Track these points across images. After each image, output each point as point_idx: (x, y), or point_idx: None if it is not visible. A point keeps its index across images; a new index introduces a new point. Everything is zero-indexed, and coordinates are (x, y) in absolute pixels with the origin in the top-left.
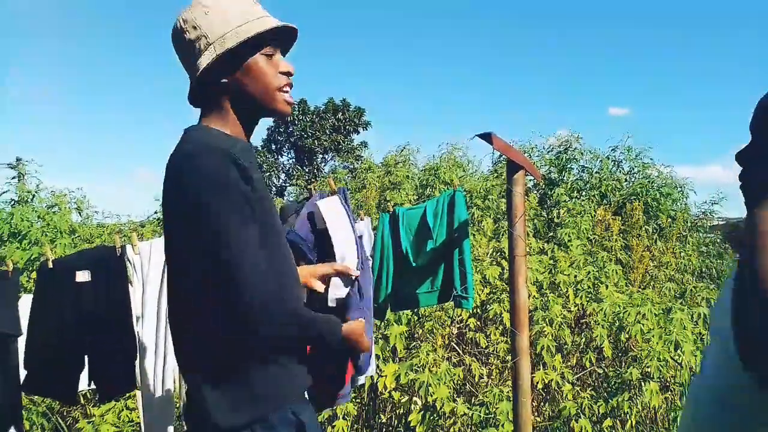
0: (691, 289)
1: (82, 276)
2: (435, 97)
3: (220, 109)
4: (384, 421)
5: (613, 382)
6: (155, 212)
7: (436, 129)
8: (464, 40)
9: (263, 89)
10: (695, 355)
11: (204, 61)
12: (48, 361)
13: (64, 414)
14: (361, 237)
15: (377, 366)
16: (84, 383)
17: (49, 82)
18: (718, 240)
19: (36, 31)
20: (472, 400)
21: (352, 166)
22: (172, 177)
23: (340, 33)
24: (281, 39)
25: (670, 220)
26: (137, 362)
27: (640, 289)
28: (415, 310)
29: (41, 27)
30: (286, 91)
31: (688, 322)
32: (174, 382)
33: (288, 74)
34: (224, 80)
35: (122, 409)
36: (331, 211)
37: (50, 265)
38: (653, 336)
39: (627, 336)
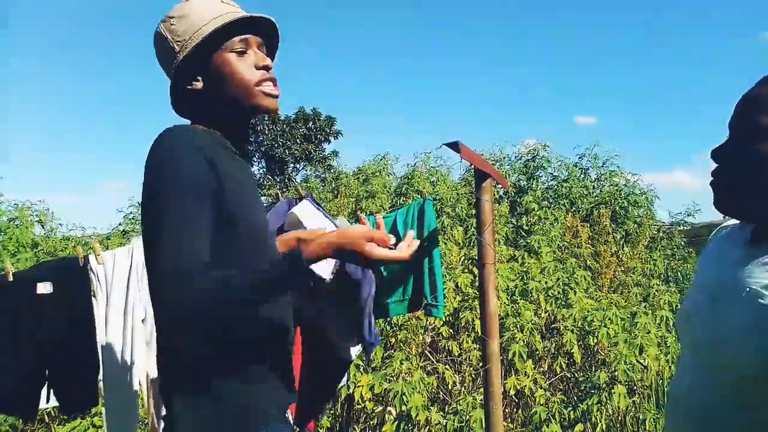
0: (654, 293)
1: (44, 288)
2: (405, 106)
3: (203, 116)
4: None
5: (583, 387)
6: (119, 224)
7: (408, 139)
8: (433, 50)
9: (239, 87)
10: (659, 359)
11: (173, 69)
12: (7, 376)
13: None
14: None
15: (353, 375)
16: (44, 399)
17: (11, 92)
18: (683, 244)
19: None
20: (446, 409)
21: (324, 175)
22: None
23: (308, 41)
24: (257, 34)
25: (636, 226)
26: (101, 377)
27: (607, 294)
28: (388, 319)
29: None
30: (266, 84)
31: (652, 326)
32: (139, 397)
33: (265, 68)
34: (198, 85)
35: (88, 427)
36: (307, 214)
37: (10, 278)
38: (619, 340)
39: (595, 341)
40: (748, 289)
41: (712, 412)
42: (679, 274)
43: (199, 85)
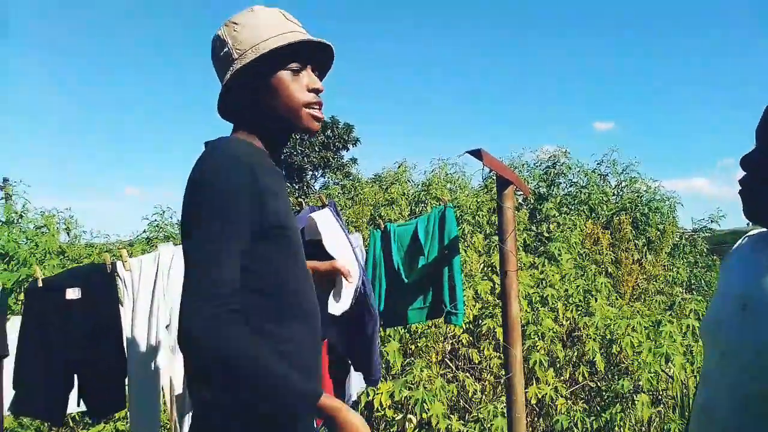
0: (680, 302)
1: (73, 293)
2: (423, 113)
3: (247, 124)
4: None
5: (605, 396)
6: (143, 231)
7: (425, 146)
8: (452, 58)
9: (288, 105)
10: (685, 368)
11: (228, 75)
12: (37, 381)
13: None
14: (355, 249)
15: None
16: (73, 403)
17: (37, 100)
18: (706, 251)
19: (22, 47)
20: (466, 417)
21: (342, 183)
22: (188, 181)
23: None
24: (313, 56)
25: (658, 233)
26: (127, 380)
27: (629, 302)
28: (408, 326)
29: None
30: (314, 108)
31: (678, 335)
32: (164, 402)
33: (316, 91)
34: (249, 95)
35: (112, 431)
36: (325, 223)
37: (40, 283)
38: (643, 349)
39: (618, 349)
40: None
41: (737, 421)
42: (702, 281)
43: (250, 94)
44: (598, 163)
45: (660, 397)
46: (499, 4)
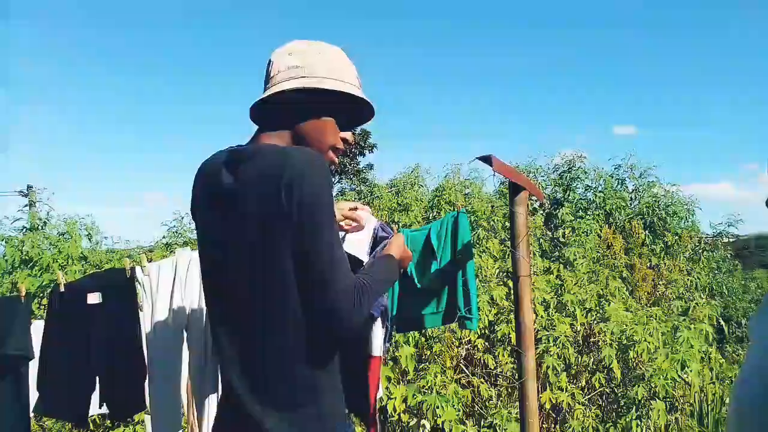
0: (694, 306)
1: (93, 298)
2: (440, 117)
3: (279, 133)
4: None
5: (622, 402)
6: (163, 237)
7: (442, 150)
8: (468, 60)
9: (320, 141)
10: (702, 376)
11: (293, 84)
12: (60, 382)
13: None
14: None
15: (386, 388)
16: (95, 405)
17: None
18: (729, 257)
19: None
20: (481, 422)
21: (358, 188)
22: (261, 181)
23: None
24: (359, 114)
25: (676, 237)
26: (147, 382)
27: (646, 307)
28: (423, 331)
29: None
30: (337, 152)
31: (695, 341)
32: (183, 404)
33: (345, 141)
34: (297, 111)
35: None
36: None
37: (62, 288)
38: (659, 354)
39: (635, 355)
40: None
41: None
42: (724, 287)
43: (297, 113)
44: (615, 168)
45: (677, 404)
46: (516, 4)
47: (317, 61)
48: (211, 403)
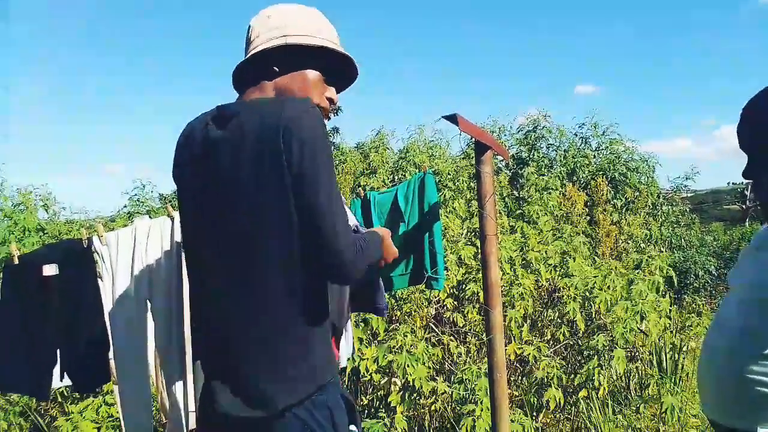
0: (647, 259)
1: (49, 270)
2: (404, 81)
3: (262, 88)
4: (366, 402)
5: (585, 353)
6: (124, 206)
7: (407, 112)
8: (430, 21)
9: (305, 97)
10: (658, 325)
11: (267, 44)
12: (17, 357)
13: (42, 412)
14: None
15: (358, 349)
16: (58, 378)
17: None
18: (687, 210)
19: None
20: (452, 378)
21: None
22: (258, 127)
23: None
24: (342, 75)
25: (636, 193)
26: (111, 354)
27: (608, 261)
28: (392, 293)
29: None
30: (324, 114)
31: (649, 292)
32: (151, 373)
33: (331, 101)
34: (276, 69)
35: (101, 405)
36: None
37: (15, 261)
38: (618, 307)
39: (596, 308)
40: None
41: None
42: (683, 240)
43: (277, 72)
44: (579, 126)
45: (637, 353)
46: None
47: (297, 20)
48: (180, 372)
